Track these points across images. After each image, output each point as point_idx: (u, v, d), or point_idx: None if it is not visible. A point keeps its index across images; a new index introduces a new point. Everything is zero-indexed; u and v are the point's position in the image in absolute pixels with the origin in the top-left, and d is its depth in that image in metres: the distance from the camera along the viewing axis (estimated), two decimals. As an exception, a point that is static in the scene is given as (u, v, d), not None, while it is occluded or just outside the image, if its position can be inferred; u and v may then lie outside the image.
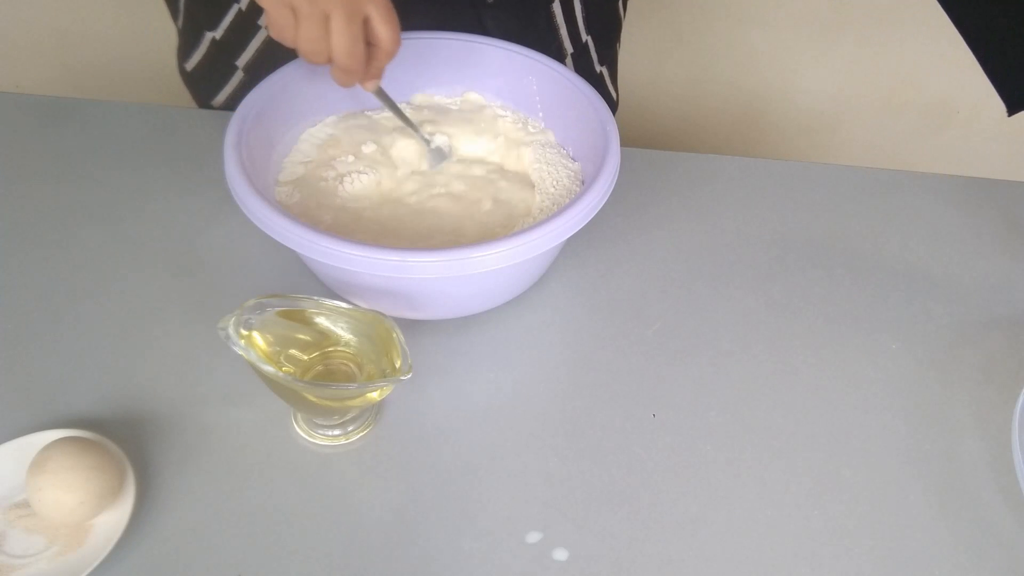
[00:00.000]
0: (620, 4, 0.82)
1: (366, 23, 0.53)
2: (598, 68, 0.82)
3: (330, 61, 0.54)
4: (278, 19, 0.52)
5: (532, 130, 0.67)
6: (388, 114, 0.65)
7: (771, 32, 1.35)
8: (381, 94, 0.62)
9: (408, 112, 0.67)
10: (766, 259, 0.67)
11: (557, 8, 0.74)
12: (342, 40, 0.52)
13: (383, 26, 0.54)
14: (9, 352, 0.56)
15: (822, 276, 0.66)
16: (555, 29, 0.76)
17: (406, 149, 0.64)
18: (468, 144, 0.66)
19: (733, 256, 0.67)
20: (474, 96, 0.70)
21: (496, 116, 0.68)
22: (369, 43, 0.55)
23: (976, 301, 0.65)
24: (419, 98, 0.70)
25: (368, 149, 0.63)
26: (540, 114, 0.68)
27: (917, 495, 0.53)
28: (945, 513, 0.52)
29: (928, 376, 0.60)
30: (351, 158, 0.63)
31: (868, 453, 0.55)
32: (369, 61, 0.56)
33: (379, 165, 0.62)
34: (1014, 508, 0.52)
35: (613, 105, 0.88)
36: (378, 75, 0.58)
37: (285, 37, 0.53)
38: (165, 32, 0.80)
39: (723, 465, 0.53)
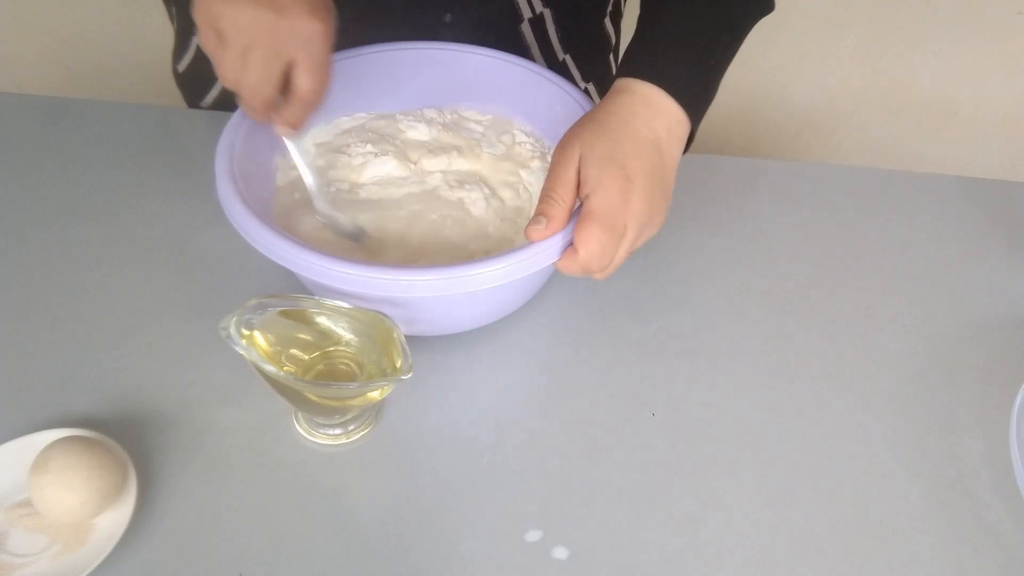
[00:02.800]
0: (608, 21, 0.80)
1: (291, 68, 0.50)
2: (582, 85, 0.81)
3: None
4: (205, 40, 0.50)
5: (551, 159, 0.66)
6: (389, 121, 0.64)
7: (771, 32, 1.35)
8: (291, 145, 0.57)
9: (425, 131, 0.66)
10: (766, 259, 0.67)
11: (526, 28, 0.72)
12: (250, 76, 0.49)
13: (305, 75, 0.50)
14: (10, 352, 0.56)
15: (822, 276, 0.66)
16: (525, 48, 0.74)
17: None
18: (482, 168, 0.65)
19: (733, 256, 0.67)
20: (504, 117, 0.69)
21: (515, 142, 0.67)
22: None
23: (976, 301, 0.65)
24: (451, 113, 0.69)
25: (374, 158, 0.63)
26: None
27: (917, 495, 0.53)
28: (945, 513, 0.52)
29: (928, 376, 0.60)
30: (357, 162, 0.63)
31: (868, 453, 0.55)
32: (287, 106, 0.52)
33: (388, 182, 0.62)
34: (1013, 508, 0.52)
35: None
36: (294, 123, 0.54)
37: (208, 53, 0.51)
38: (163, 34, 0.80)
39: (723, 465, 0.53)
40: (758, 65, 1.40)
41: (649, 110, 0.52)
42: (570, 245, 0.51)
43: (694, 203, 0.71)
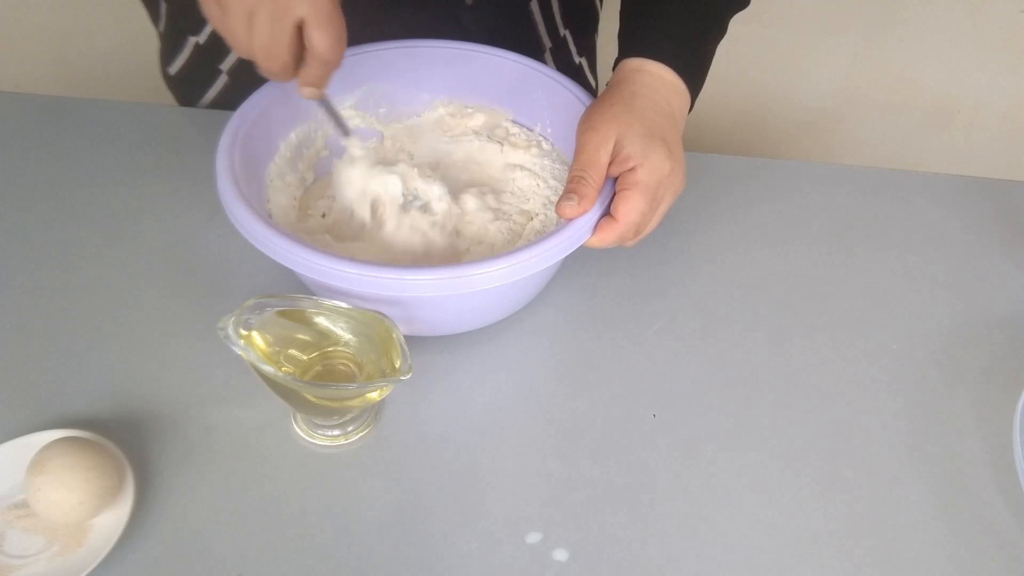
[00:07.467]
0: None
1: (301, 26, 0.49)
2: (576, 59, 0.83)
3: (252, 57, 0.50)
4: (208, 11, 0.49)
5: (545, 148, 0.67)
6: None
7: (771, 31, 1.35)
8: (324, 103, 0.57)
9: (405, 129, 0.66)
10: (766, 259, 0.67)
11: (535, 6, 0.74)
12: (260, 38, 0.48)
13: (317, 32, 0.48)
14: (9, 352, 0.56)
15: (822, 276, 0.66)
16: (533, 26, 0.76)
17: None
18: (478, 164, 0.65)
19: (733, 256, 0.67)
20: (493, 108, 0.69)
21: (509, 134, 0.67)
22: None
23: (976, 301, 0.65)
24: (442, 105, 0.69)
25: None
26: (549, 131, 0.67)
27: (917, 495, 0.53)
28: (945, 513, 0.52)
29: (928, 376, 0.60)
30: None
31: (868, 453, 0.55)
32: (306, 66, 0.51)
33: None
34: (1014, 508, 0.52)
35: (593, 92, 0.88)
36: (315, 82, 0.52)
37: (214, 26, 0.50)
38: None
39: (723, 465, 0.53)
40: (758, 65, 1.39)
41: (666, 88, 0.57)
42: (605, 215, 0.53)
43: (695, 203, 0.71)
